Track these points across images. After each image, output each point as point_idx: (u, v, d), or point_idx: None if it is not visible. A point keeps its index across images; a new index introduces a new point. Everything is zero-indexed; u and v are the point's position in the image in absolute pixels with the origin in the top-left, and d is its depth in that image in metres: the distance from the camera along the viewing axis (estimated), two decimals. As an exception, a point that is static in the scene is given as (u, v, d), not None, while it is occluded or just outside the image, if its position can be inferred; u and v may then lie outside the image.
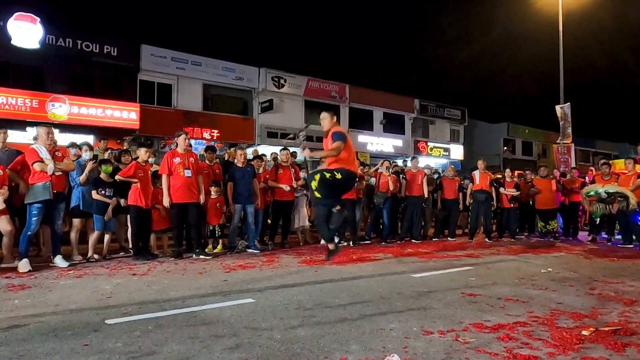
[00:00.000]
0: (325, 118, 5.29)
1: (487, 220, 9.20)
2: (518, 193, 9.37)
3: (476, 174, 9.14)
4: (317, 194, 4.95)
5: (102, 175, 5.93)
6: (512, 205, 9.33)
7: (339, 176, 4.90)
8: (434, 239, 9.08)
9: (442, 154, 25.53)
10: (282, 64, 21.83)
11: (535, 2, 17.84)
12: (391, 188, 8.33)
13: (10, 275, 4.64)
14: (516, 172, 10.36)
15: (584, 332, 2.78)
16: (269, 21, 50.83)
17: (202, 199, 6.20)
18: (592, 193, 8.28)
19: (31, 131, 6.26)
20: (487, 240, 8.89)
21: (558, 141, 15.81)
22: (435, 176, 10.13)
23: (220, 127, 17.91)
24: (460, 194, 9.49)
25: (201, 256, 6.02)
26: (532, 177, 9.88)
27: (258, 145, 18.23)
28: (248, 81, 19.12)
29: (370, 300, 3.62)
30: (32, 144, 5.43)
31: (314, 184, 4.93)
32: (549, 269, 5.34)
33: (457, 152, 26.46)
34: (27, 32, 13.90)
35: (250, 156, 8.20)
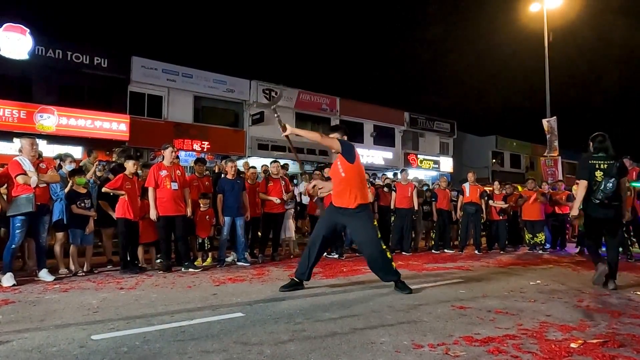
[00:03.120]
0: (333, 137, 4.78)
1: (477, 232, 9.26)
2: (507, 205, 9.47)
3: (466, 186, 9.23)
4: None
5: (76, 187, 5.80)
6: (501, 217, 9.43)
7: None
8: (433, 251, 9.09)
9: (431, 167, 25.74)
10: (273, 77, 21.92)
11: (521, 18, 18.30)
12: (370, 199, 8.35)
13: (-6, 289, 4.54)
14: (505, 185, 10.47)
15: (573, 345, 2.80)
16: (260, 34, 51.25)
17: (189, 212, 6.15)
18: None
19: (18, 142, 6.20)
20: (476, 252, 8.94)
21: (545, 154, 16.07)
22: (425, 188, 10.20)
23: (211, 139, 17.88)
24: (451, 206, 9.57)
25: (190, 269, 5.95)
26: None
27: (249, 157, 18.22)
28: (239, 93, 19.17)
29: (361, 313, 3.61)
30: (16, 156, 5.37)
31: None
32: (538, 281, 5.37)
33: (447, 164, 26.70)
34: (16, 43, 13.84)
35: (240, 168, 8.19)
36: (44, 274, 5.16)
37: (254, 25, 51.26)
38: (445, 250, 9.20)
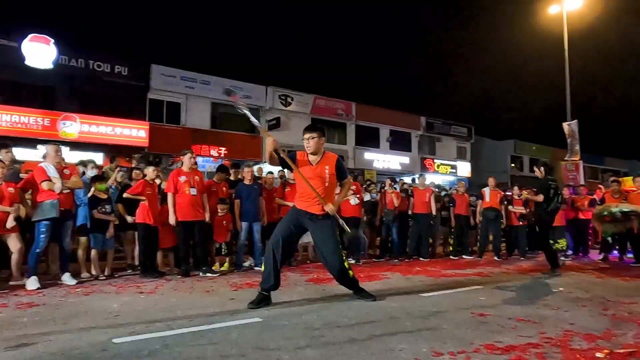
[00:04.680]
0: (313, 137, 4.11)
1: (497, 238, 9.11)
2: (527, 211, 9.29)
3: (486, 191, 9.09)
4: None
5: (97, 193, 5.91)
6: (521, 223, 9.25)
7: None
8: (451, 257, 9.00)
9: (449, 171, 25.49)
10: (289, 83, 22.06)
11: (541, 20, 18.03)
12: (396, 204, 8.34)
13: (19, 292, 4.66)
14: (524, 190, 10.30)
15: (599, 355, 2.72)
16: (276, 40, 51.75)
17: (207, 217, 6.22)
18: (605, 213, 8.14)
19: (42, 149, 6.40)
20: (496, 258, 8.78)
21: (566, 158, 15.74)
22: (443, 194, 10.10)
23: (228, 145, 18.09)
24: (470, 211, 9.45)
25: (208, 274, 6.00)
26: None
27: (265, 162, 18.34)
28: (256, 99, 19.37)
29: (379, 320, 3.58)
30: (41, 162, 5.52)
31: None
32: (561, 289, 5.24)
33: (464, 169, 26.40)
34: (41, 53, 14.27)
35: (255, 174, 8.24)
36: (67, 278, 5.28)
37: (271, 32, 51.79)
38: (464, 256, 9.07)
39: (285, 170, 8.32)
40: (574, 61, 16.92)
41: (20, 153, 8.27)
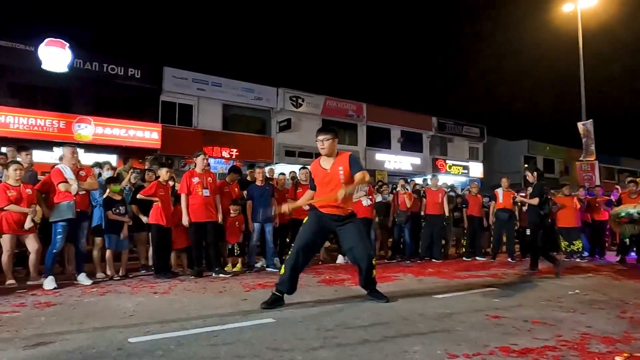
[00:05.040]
0: (328, 139, 4.12)
1: (510, 239, 9.00)
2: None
3: (499, 192, 9.00)
4: None
5: (111, 194, 5.99)
6: (535, 224, 9.12)
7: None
8: (464, 259, 8.93)
9: (461, 172, 25.26)
10: (300, 84, 22.11)
11: (554, 18, 17.80)
12: (408, 205, 8.30)
13: (37, 292, 4.74)
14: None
15: (618, 358, 2.67)
16: (286, 42, 51.92)
17: (219, 218, 6.25)
18: (623, 214, 7.99)
19: (57, 151, 6.53)
20: (510, 260, 8.68)
21: (581, 158, 15.50)
22: (452, 194, 10.03)
23: (239, 146, 18.18)
24: (483, 212, 9.36)
25: (220, 275, 6.03)
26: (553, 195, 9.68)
27: (276, 163, 18.40)
28: (266, 101, 19.45)
29: (392, 321, 3.56)
30: (58, 164, 5.62)
31: None
32: (577, 291, 5.16)
33: (477, 169, 26.15)
34: (56, 57, 14.53)
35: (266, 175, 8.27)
36: (83, 278, 5.35)
37: (281, 34, 52.01)
38: (477, 258, 8.99)
39: (297, 171, 8.41)
40: (589, 60, 16.67)
41: (37, 155, 8.44)
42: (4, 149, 7.03)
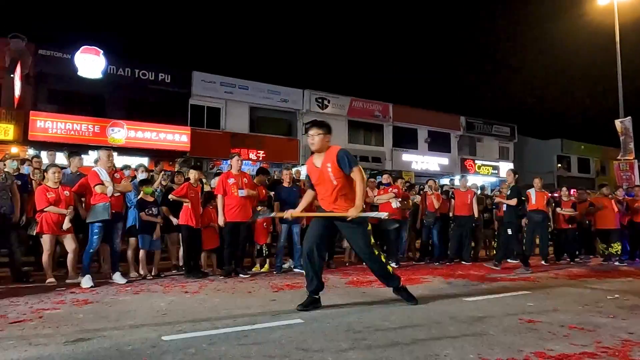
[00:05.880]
0: (318, 134, 3.97)
1: (544, 242, 8.72)
2: (576, 213, 8.86)
3: (532, 192, 8.73)
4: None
5: (144, 196, 6.15)
6: (570, 226, 8.82)
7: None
8: (495, 261, 8.72)
9: (490, 172, 24.70)
10: (326, 85, 22.17)
11: (590, 12, 17.17)
12: (436, 206, 8.18)
13: (75, 290, 4.93)
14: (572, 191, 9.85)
15: (663, 367, 2.54)
16: (312, 43, 52.13)
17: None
18: None
19: (92, 154, 6.82)
20: (543, 263, 8.41)
21: (619, 157, 14.88)
22: (486, 194, 9.80)
23: (266, 148, 18.38)
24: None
25: (240, 275, 6.11)
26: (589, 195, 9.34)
27: (302, 165, 18.49)
28: (293, 103, 19.59)
29: (422, 324, 3.51)
30: (94, 167, 5.83)
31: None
32: (616, 296, 4.95)
33: (507, 170, 25.50)
34: (91, 64, 15.08)
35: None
36: (118, 277, 5.53)
37: (306, 36, 52.28)
38: (509, 260, 8.74)
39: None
40: (627, 55, 16.00)
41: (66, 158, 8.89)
42: (43, 153, 7.39)
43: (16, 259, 5.65)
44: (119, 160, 12.34)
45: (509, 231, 7.45)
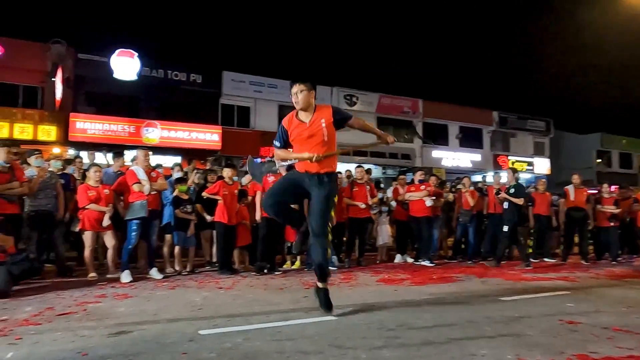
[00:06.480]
0: (302, 90, 3.72)
1: (584, 240, 8.39)
2: (619, 210, 8.47)
3: (570, 189, 8.42)
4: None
5: (179, 194, 6.28)
6: (612, 224, 8.44)
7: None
8: (531, 260, 8.47)
9: (525, 169, 23.92)
10: (354, 82, 21.99)
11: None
12: (471, 203, 8.01)
13: (115, 285, 5.13)
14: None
15: None
16: (340, 40, 51.97)
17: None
18: None
19: (128, 154, 7.10)
20: (583, 262, 8.09)
21: (665, 152, 14.12)
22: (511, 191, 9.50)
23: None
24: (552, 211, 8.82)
25: (280, 272, 6.17)
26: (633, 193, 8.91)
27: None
28: (321, 100, 19.26)
29: (456, 323, 3.45)
30: (131, 166, 6.04)
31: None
32: (664, 297, 4.71)
33: (542, 166, 24.66)
34: (126, 66, 15.58)
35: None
36: (154, 272, 5.71)
37: (334, 33, 52.17)
38: (545, 259, 8.47)
39: (352, 169, 8.39)
40: (673, 43, 15.06)
41: (111, 158, 9.21)
42: (83, 153, 7.70)
43: (60, 255, 5.93)
44: (153, 160, 12.72)
45: (505, 228, 7.35)
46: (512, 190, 7.44)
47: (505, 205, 7.51)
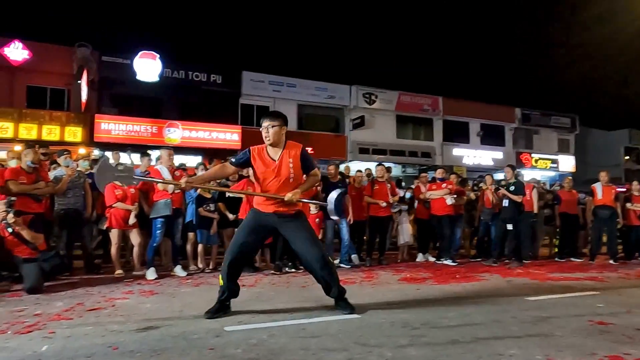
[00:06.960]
0: (273, 126, 3.63)
1: (612, 239, 8.15)
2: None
3: (597, 187, 8.18)
4: None
5: (202, 192, 6.32)
6: (642, 222, 8.18)
7: None
8: (557, 259, 8.32)
9: (549, 166, 23.40)
10: (373, 80, 21.87)
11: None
12: (494, 202, 7.88)
13: (141, 282, 5.24)
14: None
15: None
16: (359, 38, 51.74)
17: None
18: None
19: (154, 154, 7.24)
20: (612, 262, 7.86)
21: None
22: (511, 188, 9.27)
23: (314, 145, 18.45)
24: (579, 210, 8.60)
25: (301, 270, 6.19)
26: None
27: (350, 161, 18.45)
28: (340, 99, 19.56)
29: (482, 322, 3.41)
30: (155, 165, 6.15)
31: None
32: (699, 298, 4.54)
33: (567, 163, 24.06)
34: (149, 68, 15.87)
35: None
36: (179, 270, 5.81)
37: (353, 31, 51.99)
38: (572, 259, 8.27)
39: (373, 168, 8.36)
40: None
41: (135, 158, 9.41)
42: (107, 153, 7.88)
43: (88, 252, 6.09)
44: (175, 160, 12.93)
45: (509, 226, 7.24)
46: (512, 188, 7.32)
47: (505, 202, 7.37)
